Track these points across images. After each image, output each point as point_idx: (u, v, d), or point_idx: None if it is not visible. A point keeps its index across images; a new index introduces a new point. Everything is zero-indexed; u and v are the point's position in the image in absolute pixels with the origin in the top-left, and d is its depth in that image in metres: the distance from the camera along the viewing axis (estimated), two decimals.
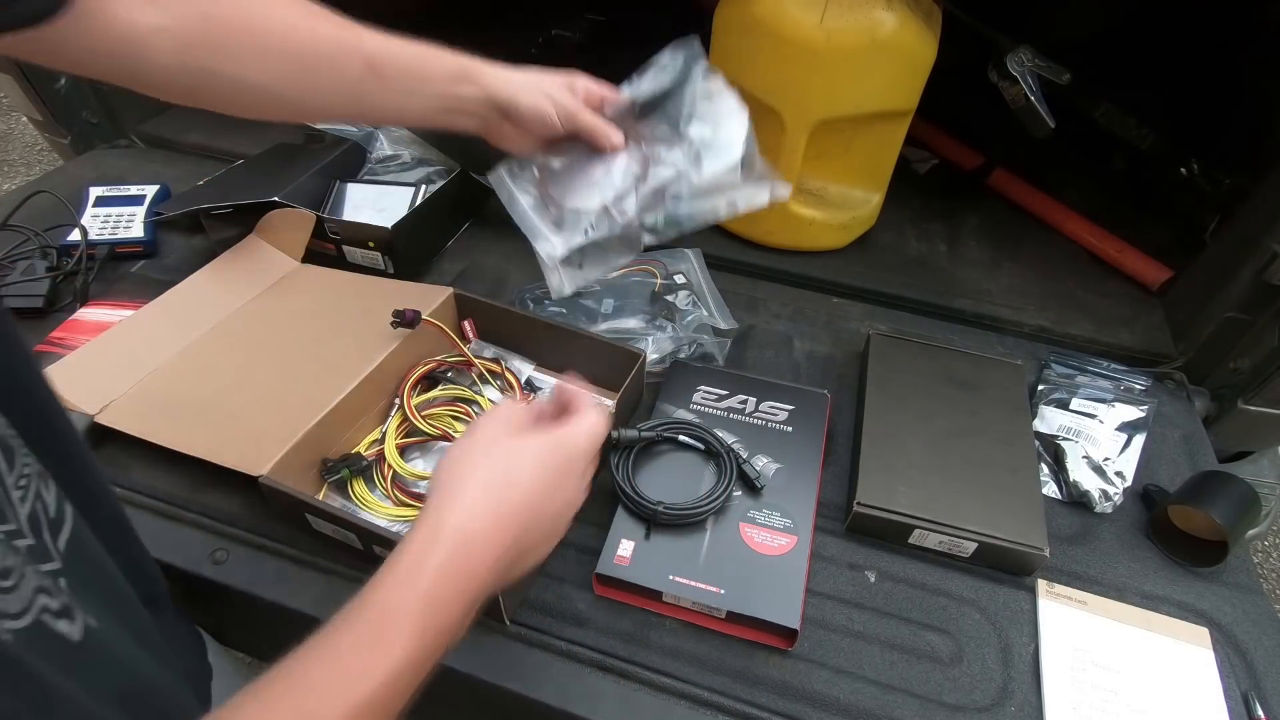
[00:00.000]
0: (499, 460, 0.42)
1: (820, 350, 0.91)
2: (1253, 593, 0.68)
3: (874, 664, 0.61)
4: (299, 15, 0.54)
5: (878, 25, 0.81)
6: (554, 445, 0.45)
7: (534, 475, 0.43)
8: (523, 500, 0.41)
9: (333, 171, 1.02)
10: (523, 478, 0.42)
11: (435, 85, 0.60)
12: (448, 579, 0.37)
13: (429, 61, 0.60)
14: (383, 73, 0.57)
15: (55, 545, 0.35)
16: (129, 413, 0.73)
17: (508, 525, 0.40)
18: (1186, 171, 1.06)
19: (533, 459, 0.43)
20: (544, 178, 0.65)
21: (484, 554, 0.39)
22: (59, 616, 0.31)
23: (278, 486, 0.63)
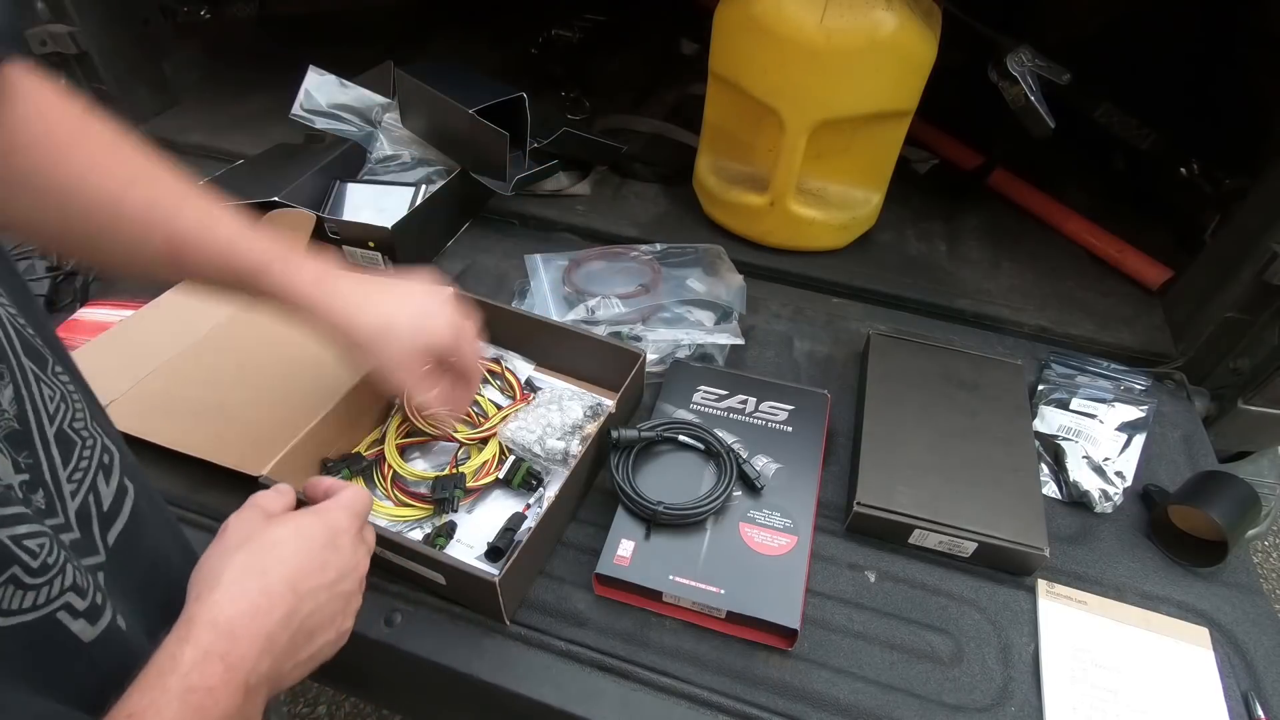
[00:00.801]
0: (256, 547, 0.41)
1: (820, 350, 0.91)
2: (1253, 593, 0.68)
3: (874, 664, 0.61)
4: (106, 177, 0.48)
5: (878, 25, 0.81)
6: (312, 520, 0.44)
7: (295, 551, 0.41)
8: (286, 578, 0.39)
9: (333, 171, 1.02)
10: (283, 556, 0.41)
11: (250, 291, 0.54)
12: (207, 668, 0.34)
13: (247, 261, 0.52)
14: (183, 258, 0.51)
15: (104, 539, 0.35)
16: (129, 412, 0.73)
17: (274, 604, 0.38)
18: (1186, 171, 1.06)
19: (292, 536, 0.42)
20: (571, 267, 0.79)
21: (249, 638, 0.36)
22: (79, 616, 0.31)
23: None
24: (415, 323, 0.59)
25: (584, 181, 1.14)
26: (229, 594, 0.37)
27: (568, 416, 0.75)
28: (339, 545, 0.44)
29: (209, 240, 0.51)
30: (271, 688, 0.38)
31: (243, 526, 0.43)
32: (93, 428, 0.37)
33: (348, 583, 0.44)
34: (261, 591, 0.38)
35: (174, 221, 0.50)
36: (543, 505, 0.67)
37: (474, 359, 0.65)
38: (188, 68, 1.35)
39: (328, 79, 1.08)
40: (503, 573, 0.57)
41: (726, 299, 0.89)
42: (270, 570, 0.39)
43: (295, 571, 0.40)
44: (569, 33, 1.50)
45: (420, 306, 0.60)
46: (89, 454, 0.35)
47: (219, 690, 0.34)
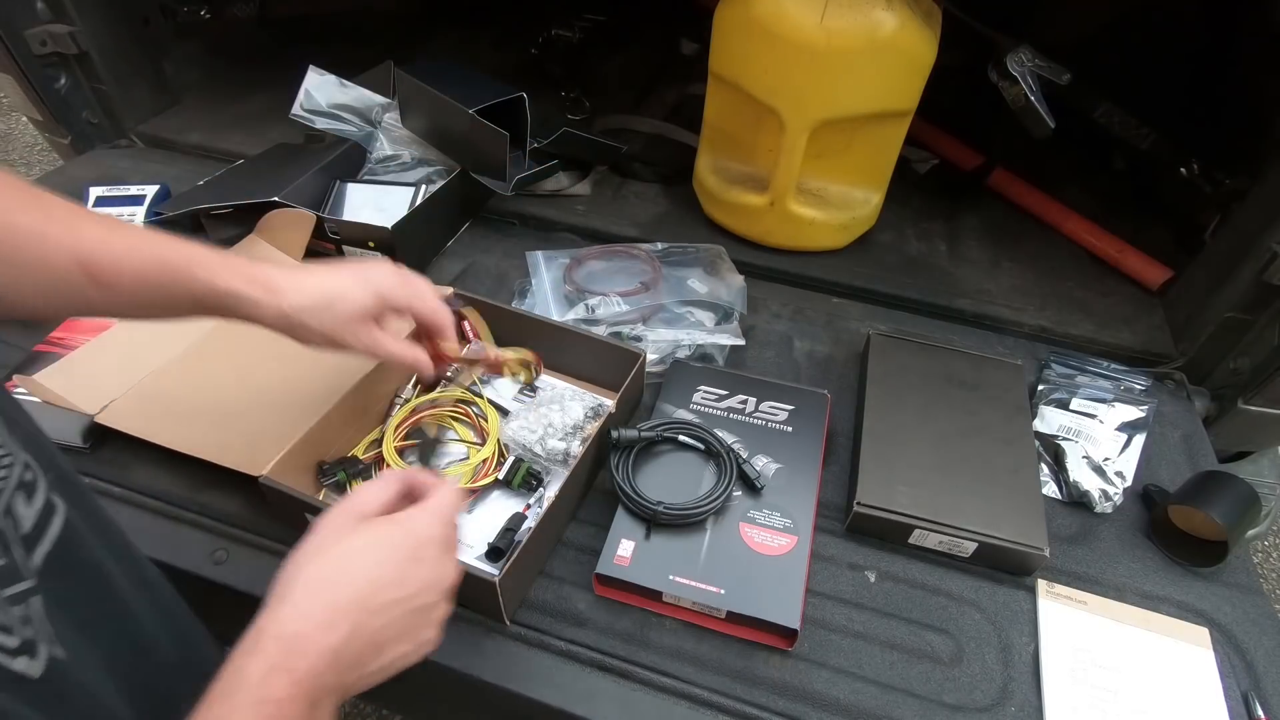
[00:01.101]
0: (331, 558, 0.40)
1: (820, 350, 0.91)
2: (1253, 593, 0.68)
3: (874, 664, 0.61)
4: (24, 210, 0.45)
5: (878, 25, 0.81)
6: (397, 532, 0.42)
7: (371, 565, 0.40)
8: (356, 594, 0.39)
9: (333, 171, 1.02)
10: (356, 570, 0.40)
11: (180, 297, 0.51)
12: (274, 681, 0.34)
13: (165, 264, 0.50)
14: (102, 276, 0.47)
15: (29, 562, 0.33)
16: (129, 413, 0.73)
17: (340, 620, 0.37)
18: (1186, 171, 1.06)
19: (371, 548, 0.41)
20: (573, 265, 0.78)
21: (315, 654, 0.36)
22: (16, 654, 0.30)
23: (278, 486, 0.63)
24: (356, 283, 0.56)
25: (584, 181, 1.14)
26: (297, 609, 0.37)
27: (568, 416, 0.75)
28: (422, 558, 0.42)
29: (122, 247, 0.48)
30: (340, 697, 0.38)
31: (328, 528, 0.42)
32: (11, 444, 0.35)
33: (428, 595, 0.42)
34: (328, 607, 0.38)
35: (75, 235, 0.47)
36: (543, 505, 0.67)
37: (432, 301, 0.62)
38: (188, 67, 1.35)
39: (328, 79, 1.08)
40: (502, 573, 0.57)
41: (727, 299, 0.89)
42: (341, 586, 0.39)
43: (368, 587, 0.39)
44: (569, 33, 1.50)
45: (356, 271, 0.58)
46: (4, 474, 0.34)
47: (286, 703, 0.34)
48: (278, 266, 0.55)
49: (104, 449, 0.74)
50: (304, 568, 0.40)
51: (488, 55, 1.49)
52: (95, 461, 0.73)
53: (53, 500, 0.36)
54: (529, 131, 1.04)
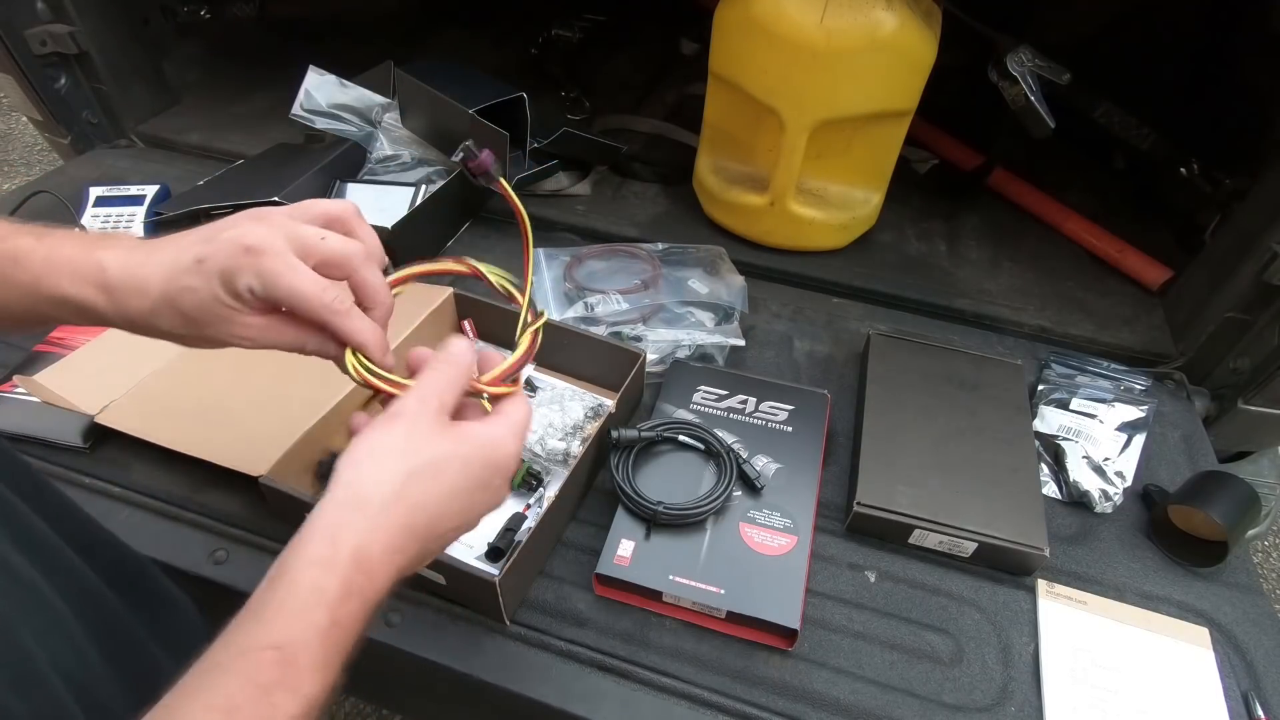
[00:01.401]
0: (416, 468, 0.38)
1: (820, 350, 0.91)
2: (1253, 593, 0.68)
3: (874, 664, 0.61)
4: None
5: (878, 25, 0.81)
6: (478, 457, 0.40)
7: (451, 491, 0.39)
8: (431, 521, 0.38)
9: (333, 171, 1.02)
10: (438, 495, 0.38)
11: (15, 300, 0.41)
12: (350, 604, 0.34)
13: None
14: None
15: None
16: (129, 413, 0.73)
17: (411, 545, 0.37)
18: (1186, 171, 1.06)
19: (456, 470, 0.39)
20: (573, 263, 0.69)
21: (384, 575, 0.36)
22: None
23: (278, 487, 0.63)
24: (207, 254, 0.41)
25: (584, 181, 1.14)
26: (379, 528, 0.36)
27: (568, 416, 0.75)
28: (491, 485, 0.41)
29: None
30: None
31: (416, 425, 0.39)
32: None
33: (479, 518, 0.42)
34: (406, 532, 0.37)
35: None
36: (543, 505, 0.67)
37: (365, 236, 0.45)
38: (188, 67, 1.35)
39: (328, 79, 1.08)
40: (502, 573, 0.57)
41: (727, 299, 0.89)
42: (420, 509, 0.38)
43: (442, 515, 0.39)
44: (569, 33, 1.50)
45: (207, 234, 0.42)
46: None
47: (355, 626, 0.35)
48: (119, 243, 0.43)
49: (104, 449, 0.74)
50: (387, 470, 0.37)
51: (488, 55, 1.49)
52: (95, 461, 0.73)
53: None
54: (529, 131, 1.04)
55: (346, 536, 0.35)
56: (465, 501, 0.40)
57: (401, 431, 0.39)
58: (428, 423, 0.40)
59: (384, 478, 0.37)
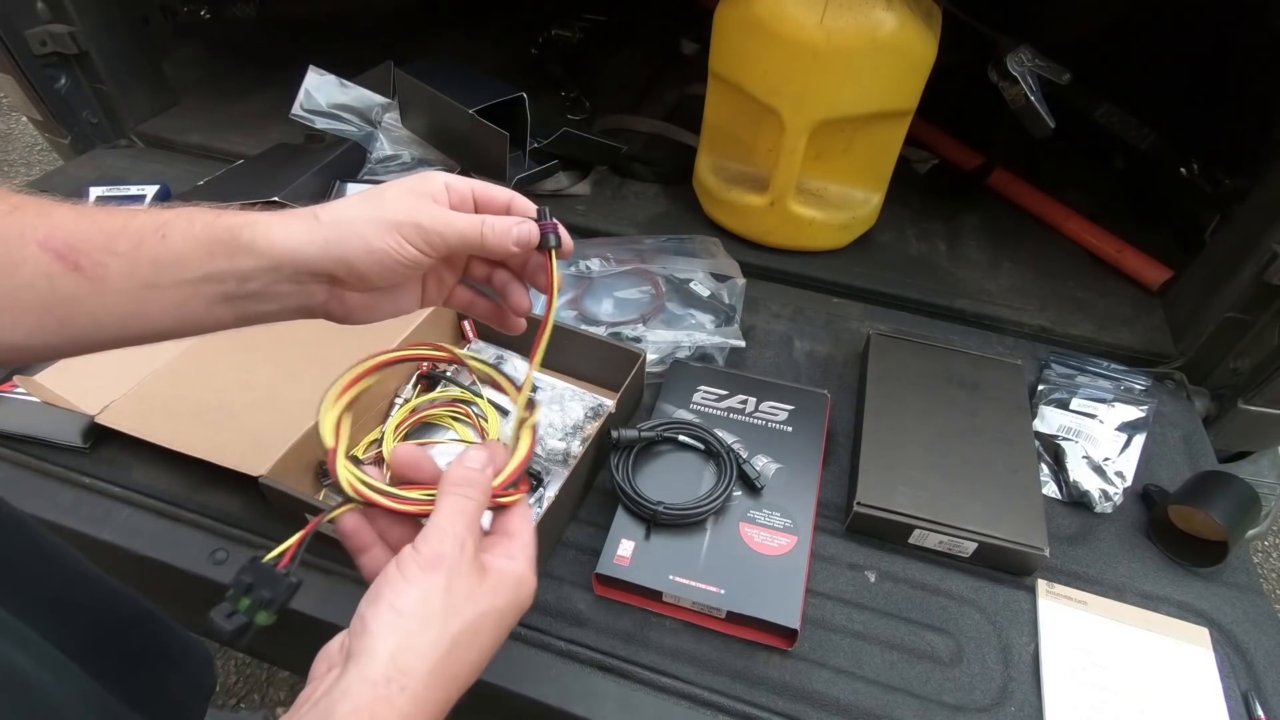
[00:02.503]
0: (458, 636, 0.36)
1: (820, 350, 0.91)
2: (1253, 593, 0.68)
3: (874, 664, 0.61)
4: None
5: (878, 25, 0.81)
6: (511, 601, 0.39)
7: (481, 652, 0.38)
8: (460, 689, 0.37)
9: (333, 171, 1.02)
10: (470, 662, 0.37)
11: (187, 268, 0.39)
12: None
13: (167, 229, 0.38)
14: (80, 261, 0.37)
15: None
16: (129, 413, 0.73)
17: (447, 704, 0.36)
18: (1186, 171, 1.06)
19: (489, 629, 0.38)
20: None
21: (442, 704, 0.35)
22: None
23: (278, 487, 0.63)
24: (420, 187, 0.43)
25: (584, 181, 1.14)
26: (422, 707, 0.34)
27: (568, 416, 0.75)
28: (513, 624, 0.40)
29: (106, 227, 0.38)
30: None
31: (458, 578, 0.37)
32: None
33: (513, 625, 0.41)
34: (442, 706, 0.35)
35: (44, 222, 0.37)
36: (543, 505, 0.67)
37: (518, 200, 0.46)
38: (188, 67, 1.35)
39: (328, 79, 1.08)
40: None
41: (729, 301, 0.89)
42: (455, 681, 0.36)
43: (471, 676, 0.37)
44: (569, 33, 1.50)
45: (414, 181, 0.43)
46: None
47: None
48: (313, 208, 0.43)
49: (104, 449, 0.74)
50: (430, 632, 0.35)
51: (488, 55, 1.49)
52: (95, 461, 0.73)
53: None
54: (529, 131, 1.04)
55: (389, 699, 0.32)
56: (495, 647, 0.38)
57: (442, 588, 0.36)
58: (467, 572, 0.37)
59: (427, 650, 0.34)
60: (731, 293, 0.91)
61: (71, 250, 0.37)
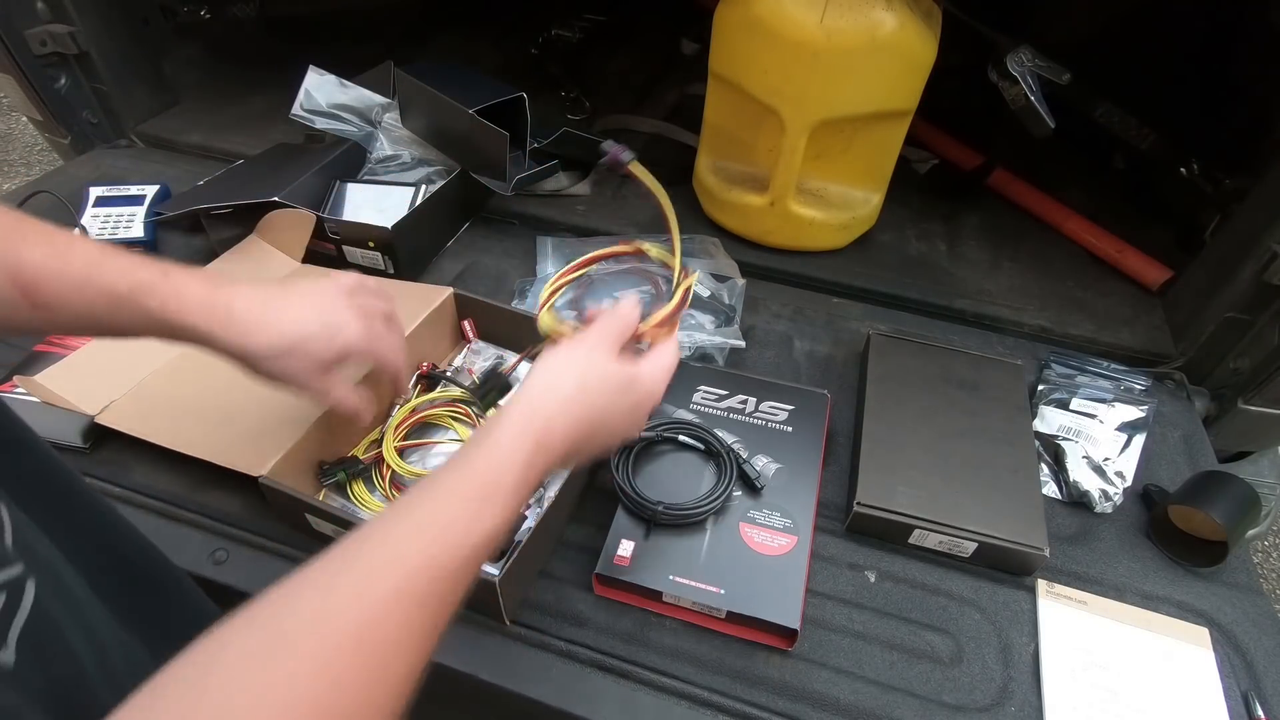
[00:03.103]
0: (593, 374, 0.48)
1: (820, 350, 0.91)
2: (1253, 593, 0.68)
3: (874, 664, 0.61)
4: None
5: (878, 25, 0.81)
6: (634, 382, 0.51)
7: (611, 401, 0.49)
8: (597, 418, 0.48)
9: (333, 171, 1.02)
10: (603, 399, 0.48)
11: (133, 323, 0.48)
12: (537, 457, 0.43)
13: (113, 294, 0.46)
14: (39, 297, 0.44)
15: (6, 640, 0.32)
16: (129, 413, 0.73)
17: (579, 432, 0.46)
18: (1186, 171, 1.06)
19: (616, 387, 0.50)
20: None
21: (558, 450, 0.45)
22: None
23: (278, 487, 0.63)
24: (321, 330, 0.55)
25: (584, 181, 1.14)
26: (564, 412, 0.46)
27: None
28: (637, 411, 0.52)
29: (65, 273, 0.45)
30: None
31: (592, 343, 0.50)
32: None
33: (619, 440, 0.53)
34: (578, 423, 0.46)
35: (16, 254, 0.44)
36: (543, 505, 0.67)
37: (393, 354, 0.61)
38: (188, 68, 1.35)
39: (328, 79, 1.08)
40: (502, 573, 0.57)
41: (729, 301, 0.89)
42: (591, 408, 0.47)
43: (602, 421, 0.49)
44: (569, 33, 1.50)
45: (323, 316, 0.55)
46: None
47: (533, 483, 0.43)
48: (239, 293, 0.52)
49: (104, 449, 0.74)
50: (571, 372, 0.48)
51: (488, 55, 1.49)
52: (95, 461, 0.73)
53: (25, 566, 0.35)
54: (529, 131, 1.04)
55: (540, 411, 0.45)
56: (618, 418, 0.50)
57: (583, 352, 0.50)
58: (603, 351, 0.50)
59: (571, 377, 0.47)
60: (731, 293, 0.91)
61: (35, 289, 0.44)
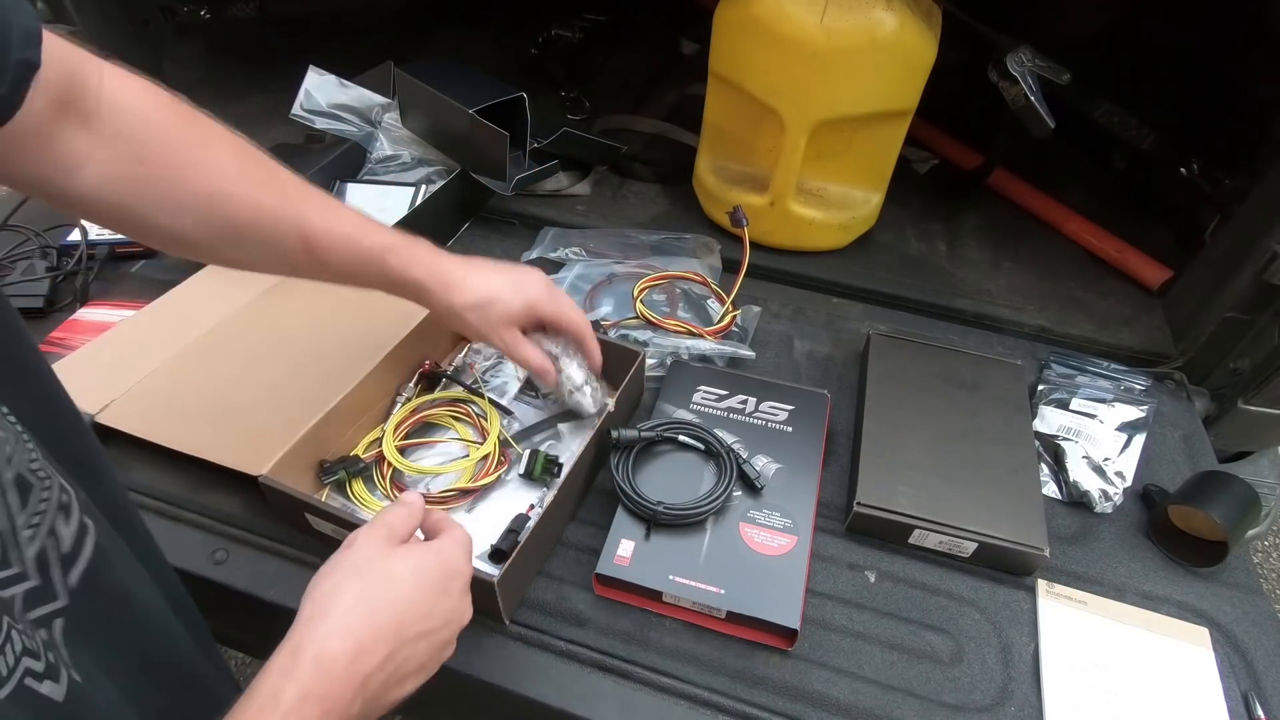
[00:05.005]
0: (371, 578, 0.41)
1: (820, 350, 0.91)
2: (1253, 593, 0.68)
3: (874, 664, 0.61)
4: (241, 183, 0.52)
5: (878, 25, 0.81)
6: (432, 560, 0.44)
7: (409, 593, 0.41)
8: (394, 621, 0.40)
9: (333, 171, 1.02)
10: (396, 596, 0.41)
11: (374, 277, 0.59)
12: (306, 709, 0.35)
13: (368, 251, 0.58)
14: (318, 253, 0.56)
15: (65, 581, 0.34)
16: (129, 413, 0.73)
17: (377, 647, 0.38)
18: (1186, 171, 1.06)
19: (410, 576, 0.42)
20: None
21: (347, 679, 0.37)
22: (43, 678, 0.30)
23: (278, 486, 0.63)
24: (512, 289, 0.64)
25: (584, 181, 1.14)
26: (337, 630, 0.38)
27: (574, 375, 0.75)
28: (449, 591, 0.44)
29: (337, 234, 0.56)
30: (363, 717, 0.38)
31: (366, 547, 0.43)
32: (48, 467, 0.35)
33: (448, 631, 0.43)
34: (368, 632, 0.38)
35: (306, 220, 0.54)
36: (543, 505, 0.67)
37: (576, 314, 0.68)
38: (188, 68, 1.35)
39: (328, 79, 1.08)
40: (502, 573, 0.57)
41: (742, 324, 0.89)
42: (380, 610, 0.40)
43: (404, 615, 0.40)
44: (569, 33, 1.50)
45: (515, 278, 0.66)
46: (48, 495, 0.34)
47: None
48: (454, 261, 0.62)
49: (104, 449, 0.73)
50: (344, 585, 0.40)
51: (488, 55, 1.49)
52: None
53: (85, 521, 0.36)
54: (529, 131, 1.04)
55: (308, 643, 0.37)
56: (426, 605, 0.42)
57: (350, 552, 0.43)
58: (376, 544, 0.43)
59: (340, 587, 0.40)
60: (746, 316, 0.90)
61: (315, 244, 0.55)
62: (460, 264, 0.63)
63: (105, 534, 0.38)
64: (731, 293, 0.89)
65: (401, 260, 0.59)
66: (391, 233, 0.60)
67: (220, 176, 0.51)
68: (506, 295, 0.64)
